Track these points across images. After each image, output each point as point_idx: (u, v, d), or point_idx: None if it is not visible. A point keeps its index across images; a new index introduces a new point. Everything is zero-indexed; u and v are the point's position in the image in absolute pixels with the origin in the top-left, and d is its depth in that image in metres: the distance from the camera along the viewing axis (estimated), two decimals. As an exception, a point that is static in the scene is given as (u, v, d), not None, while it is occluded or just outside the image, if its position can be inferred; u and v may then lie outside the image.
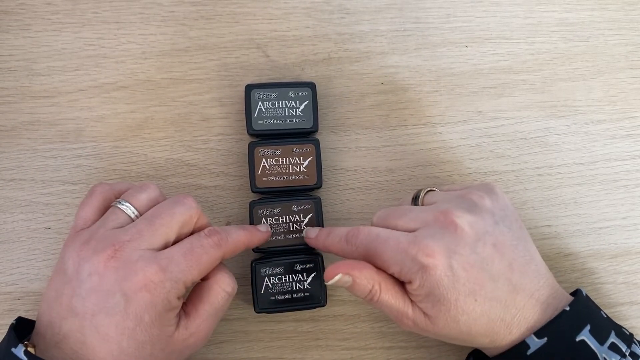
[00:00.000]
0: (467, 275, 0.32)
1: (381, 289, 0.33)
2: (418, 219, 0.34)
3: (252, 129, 0.40)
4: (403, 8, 0.45)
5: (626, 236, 0.43)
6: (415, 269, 0.32)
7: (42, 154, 0.42)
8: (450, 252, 0.32)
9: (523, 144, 0.44)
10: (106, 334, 0.31)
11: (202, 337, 0.34)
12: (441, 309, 0.32)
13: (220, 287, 0.35)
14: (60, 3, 0.44)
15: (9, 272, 0.41)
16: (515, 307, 0.33)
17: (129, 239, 0.32)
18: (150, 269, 0.31)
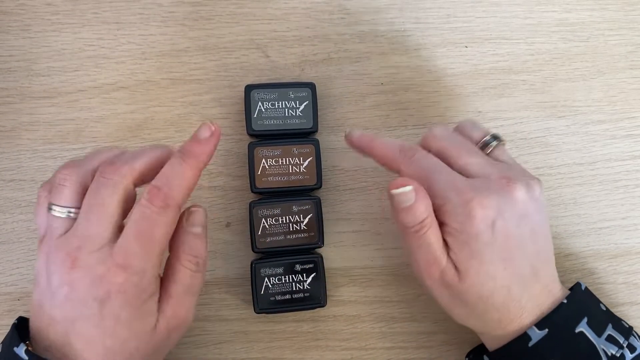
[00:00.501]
0: (505, 241, 0.32)
1: (432, 225, 0.33)
2: (481, 169, 0.34)
3: (252, 130, 0.40)
4: (403, 8, 0.45)
5: (626, 236, 0.43)
6: (460, 212, 0.32)
7: (42, 155, 0.42)
8: (499, 213, 0.32)
9: (523, 144, 0.44)
10: (89, 336, 0.31)
11: (182, 317, 0.33)
12: (473, 264, 0.32)
13: (182, 265, 0.33)
14: (60, 3, 0.44)
15: (8, 273, 0.41)
16: (532, 292, 0.33)
17: (79, 244, 0.31)
18: (110, 272, 0.30)
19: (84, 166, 0.33)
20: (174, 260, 0.33)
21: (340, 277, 0.42)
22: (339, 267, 0.42)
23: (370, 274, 0.42)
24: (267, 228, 0.39)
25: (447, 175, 0.33)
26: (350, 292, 0.42)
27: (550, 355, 0.32)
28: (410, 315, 0.42)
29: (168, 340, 0.33)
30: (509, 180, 0.33)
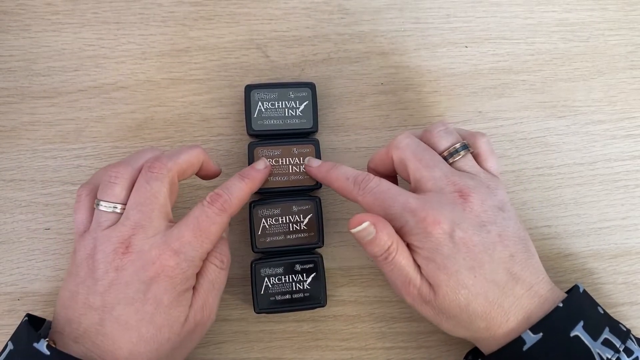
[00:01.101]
0: (467, 250, 0.33)
1: (398, 249, 0.34)
2: (436, 184, 0.35)
3: (252, 130, 0.40)
4: (403, 8, 0.45)
5: (626, 236, 0.43)
6: (418, 231, 0.33)
7: (42, 155, 0.42)
8: (455, 225, 0.33)
9: (523, 144, 0.44)
10: (126, 322, 0.32)
11: (207, 312, 0.35)
12: (442, 278, 0.33)
13: (209, 261, 0.35)
14: (60, 3, 0.44)
15: (8, 273, 0.41)
16: (514, 295, 0.33)
17: (133, 232, 0.33)
18: (164, 255, 0.33)
19: (131, 164, 0.35)
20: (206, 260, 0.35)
21: (340, 277, 0.42)
22: (339, 267, 0.42)
23: (370, 274, 0.42)
24: (267, 228, 0.39)
25: (400, 199, 0.34)
26: (350, 292, 0.42)
27: (544, 359, 0.32)
28: (410, 315, 0.42)
29: (193, 334, 0.35)
30: (463, 192, 0.34)
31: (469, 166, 0.36)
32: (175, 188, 0.36)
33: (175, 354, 0.34)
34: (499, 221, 0.34)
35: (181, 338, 0.34)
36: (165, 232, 0.34)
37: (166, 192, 0.34)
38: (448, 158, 0.36)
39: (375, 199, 0.35)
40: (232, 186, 0.36)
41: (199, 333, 0.35)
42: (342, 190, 0.37)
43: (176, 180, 0.36)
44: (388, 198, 0.35)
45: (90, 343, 0.32)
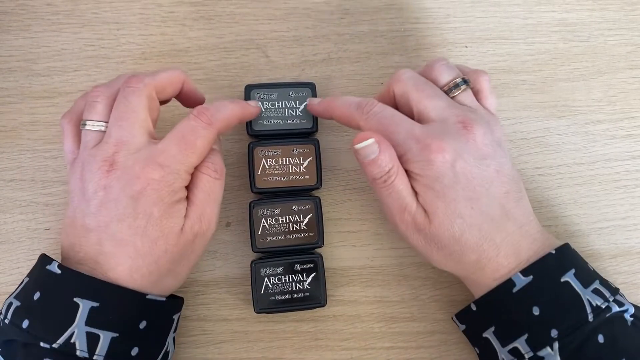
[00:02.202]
0: (467, 182, 0.33)
1: (398, 173, 0.34)
2: (440, 113, 0.35)
3: (252, 130, 0.40)
4: (403, 8, 0.45)
5: (626, 236, 0.43)
6: (420, 158, 0.33)
7: (42, 155, 0.42)
8: (457, 155, 0.33)
9: (523, 144, 0.44)
10: (121, 238, 0.33)
11: (205, 223, 0.35)
12: (439, 206, 0.33)
13: (202, 172, 0.35)
14: (60, 3, 0.44)
15: (9, 272, 0.41)
16: (506, 231, 0.34)
17: (116, 149, 0.33)
18: (149, 169, 0.33)
19: (111, 86, 0.36)
20: (195, 171, 0.35)
21: (340, 277, 0.42)
22: (339, 267, 0.42)
23: (370, 274, 0.42)
24: (267, 228, 0.39)
25: (405, 125, 0.34)
26: (350, 292, 0.42)
27: (533, 302, 0.32)
28: (410, 315, 0.42)
29: (193, 245, 0.35)
30: (466, 124, 0.34)
31: (469, 101, 0.37)
32: (155, 104, 0.36)
33: (177, 268, 0.35)
34: (498, 157, 0.34)
35: (179, 249, 0.34)
36: (149, 147, 0.34)
37: (145, 106, 0.34)
38: (448, 92, 0.36)
39: (379, 124, 0.35)
40: (220, 104, 0.36)
41: (199, 244, 0.35)
42: (344, 117, 0.37)
43: (154, 96, 0.35)
44: (392, 123, 0.35)
45: (93, 263, 0.33)
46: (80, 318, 0.31)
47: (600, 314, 0.32)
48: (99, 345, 0.31)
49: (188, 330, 0.41)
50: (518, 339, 0.33)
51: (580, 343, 0.31)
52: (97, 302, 0.32)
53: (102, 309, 0.32)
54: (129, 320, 0.33)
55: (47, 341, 0.31)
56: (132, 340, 0.33)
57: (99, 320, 0.32)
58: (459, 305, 0.39)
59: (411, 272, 0.42)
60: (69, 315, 0.31)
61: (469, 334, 0.37)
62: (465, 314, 0.37)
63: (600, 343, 0.31)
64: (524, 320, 0.33)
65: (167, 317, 0.35)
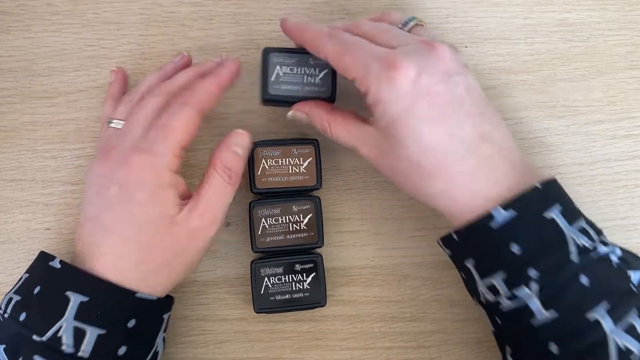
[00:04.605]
0: (430, 100, 0.31)
1: (331, 126, 0.36)
2: (400, 39, 0.34)
3: (268, 94, 0.38)
4: (403, 8, 0.45)
5: (626, 236, 0.43)
6: (381, 77, 0.32)
7: (42, 155, 0.42)
8: (422, 70, 0.31)
9: (523, 144, 0.44)
10: (109, 226, 0.33)
11: (207, 221, 0.34)
12: (397, 128, 0.32)
13: (216, 171, 0.35)
14: (60, 4, 0.44)
15: (9, 272, 0.41)
16: (480, 154, 0.32)
17: (115, 144, 0.35)
18: (133, 154, 0.33)
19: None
20: (210, 168, 0.35)
21: (340, 277, 0.42)
22: (339, 267, 0.42)
23: (370, 274, 0.42)
24: (267, 228, 0.39)
25: (367, 47, 0.33)
26: (350, 292, 0.42)
27: (513, 239, 0.30)
28: (410, 315, 0.42)
29: (190, 240, 0.34)
30: (430, 42, 0.33)
31: (427, 33, 0.36)
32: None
33: (170, 263, 0.34)
34: (467, 76, 0.33)
35: (171, 241, 0.33)
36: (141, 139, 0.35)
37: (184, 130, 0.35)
38: (403, 28, 0.36)
39: (340, 45, 0.34)
40: (195, 82, 0.36)
41: (198, 242, 0.35)
42: (314, 40, 0.35)
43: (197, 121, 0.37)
44: (355, 46, 0.34)
45: (85, 254, 0.33)
46: (70, 312, 0.31)
47: (586, 254, 0.30)
48: (84, 341, 0.31)
49: (188, 330, 0.41)
50: (494, 276, 0.31)
51: (562, 284, 0.30)
52: (86, 296, 0.32)
53: (91, 304, 0.32)
54: (117, 318, 0.32)
55: (39, 334, 0.31)
56: (120, 339, 0.32)
57: (87, 315, 0.31)
58: (459, 305, 0.39)
59: (411, 272, 0.42)
60: (60, 308, 0.31)
61: (454, 260, 0.36)
62: (448, 240, 0.35)
63: (584, 285, 0.30)
64: (502, 258, 0.31)
65: (157, 317, 0.35)
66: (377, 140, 0.33)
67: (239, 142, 0.36)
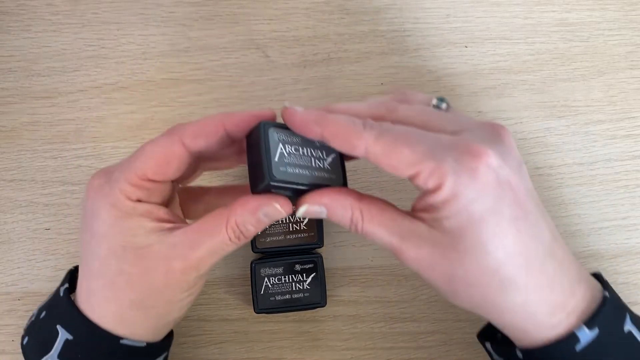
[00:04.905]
0: (513, 194, 0.26)
1: (364, 217, 0.28)
2: (457, 122, 0.28)
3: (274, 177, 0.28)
4: (403, 8, 0.45)
5: (626, 236, 0.43)
6: (459, 169, 0.25)
7: (42, 155, 0.42)
8: (502, 159, 0.26)
9: (523, 144, 0.44)
10: (81, 256, 0.30)
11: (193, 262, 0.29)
12: (473, 229, 0.26)
13: (225, 228, 0.29)
14: (60, 4, 0.44)
15: (9, 273, 0.41)
16: (556, 258, 0.27)
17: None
18: (94, 176, 0.30)
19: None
20: (221, 218, 0.29)
21: (340, 277, 0.42)
22: (339, 267, 0.42)
23: (370, 274, 0.42)
24: (266, 228, 0.39)
25: (428, 135, 0.27)
26: (350, 292, 0.42)
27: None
28: (410, 315, 0.42)
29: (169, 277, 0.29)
30: (494, 125, 0.28)
31: (462, 114, 0.31)
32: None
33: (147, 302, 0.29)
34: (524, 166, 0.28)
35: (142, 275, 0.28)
36: None
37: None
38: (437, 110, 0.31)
39: (392, 139, 0.26)
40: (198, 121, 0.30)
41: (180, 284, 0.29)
42: (341, 133, 0.27)
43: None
44: (412, 136, 0.26)
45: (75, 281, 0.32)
46: (55, 349, 0.29)
47: None
48: None
49: (188, 330, 0.41)
50: None
51: None
52: (71, 334, 0.29)
53: (75, 344, 0.29)
54: None
55: None
56: None
57: (70, 357, 0.29)
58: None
59: (411, 272, 0.42)
60: (50, 342, 0.29)
61: None
62: (506, 353, 0.30)
63: None
64: None
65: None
66: (433, 241, 0.27)
67: (269, 213, 0.29)
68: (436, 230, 0.27)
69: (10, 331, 0.40)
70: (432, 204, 0.26)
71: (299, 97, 0.43)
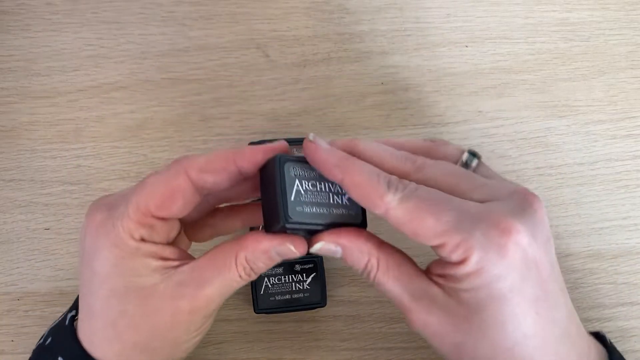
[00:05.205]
0: (537, 274, 0.25)
1: (380, 266, 0.27)
2: (488, 189, 0.26)
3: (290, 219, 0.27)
4: (403, 8, 0.45)
5: (627, 236, 0.43)
6: (487, 245, 0.24)
7: (42, 154, 0.42)
8: (532, 236, 0.25)
9: (523, 144, 0.44)
10: (80, 289, 0.28)
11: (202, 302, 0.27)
12: (492, 308, 0.25)
13: (235, 265, 0.27)
14: (59, 3, 0.44)
15: (8, 273, 0.41)
16: (571, 336, 0.27)
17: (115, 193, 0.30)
18: (95, 208, 0.28)
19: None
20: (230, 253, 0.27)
21: (340, 277, 0.42)
22: (339, 267, 0.42)
23: (371, 274, 0.42)
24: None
25: (455, 203, 0.25)
26: (350, 292, 0.42)
27: None
28: (411, 315, 0.42)
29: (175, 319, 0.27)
30: (526, 194, 0.26)
31: (492, 172, 0.29)
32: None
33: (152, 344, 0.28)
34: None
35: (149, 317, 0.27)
36: None
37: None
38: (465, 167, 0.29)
39: (420, 206, 0.25)
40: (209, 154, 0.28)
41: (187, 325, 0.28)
42: (363, 188, 0.26)
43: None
44: (438, 203, 0.25)
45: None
46: None
47: None
48: None
49: (188, 331, 0.41)
50: None
51: None
52: None
53: None
54: None
55: None
56: None
57: None
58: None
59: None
60: None
61: None
62: None
63: None
64: None
65: None
66: (446, 308, 0.26)
67: (283, 253, 0.27)
68: (452, 299, 0.26)
69: (10, 331, 0.40)
70: (453, 274, 0.25)
71: (299, 96, 0.43)
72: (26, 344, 0.40)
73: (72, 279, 0.41)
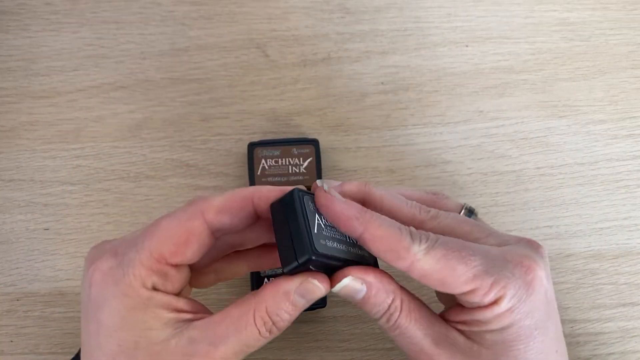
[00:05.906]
0: (554, 311, 0.27)
1: (403, 308, 0.26)
2: (497, 235, 0.28)
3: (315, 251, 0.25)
4: (403, 7, 0.45)
5: (628, 237, 0.43)
6: (516, 284, 0.25)
7: (41, 154, 0.42)
8: (548, 275, 0.26)
9: (524, 144, 0.44)
10: (82, 343, 0.26)
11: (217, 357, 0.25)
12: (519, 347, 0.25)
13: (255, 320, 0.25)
14: (59, 3, 0.43)
15: (7, 273, 0.41)
16: None
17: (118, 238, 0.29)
18: (101, 257, 0.26)
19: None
20: (248, 306, 0.26)
21: (340, 278, 0.42)
22: (339, 268, 0.42)
23: (371, 274, 0.42)
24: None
25: (477, 248, 0.25)
26: (350, 292, 0.42)
27: None
28: (411, 315, 0.42)
29: None
30: (530, 240, 0.28)
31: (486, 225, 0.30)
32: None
33: None
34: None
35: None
36: None
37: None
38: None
39: (446, 253, 0.25)
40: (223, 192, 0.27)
41: None
42: (387, 243, 0.25)
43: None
44: (465, 249, 0.25)
45: None
46: None
47: None
48: None
49: (187, 331, 0.41)
50: None
51: None
52: None
53: None
54: None
55: None
56: None
57: None
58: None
59: (412, 273, 0.42)
60: None
61: None
62: None
63: None
64: None
65: None
66: (468, 352, 0.26)
67: (307, 292, 0.26)
68: (474, 343, 0.26)
69: (9, 332, 0.40)
70: (480, 318, 0.25)
71: (299, 96, 0.43)
72: (25, 344, 0.40)
73: (72, 279, 0.41)
